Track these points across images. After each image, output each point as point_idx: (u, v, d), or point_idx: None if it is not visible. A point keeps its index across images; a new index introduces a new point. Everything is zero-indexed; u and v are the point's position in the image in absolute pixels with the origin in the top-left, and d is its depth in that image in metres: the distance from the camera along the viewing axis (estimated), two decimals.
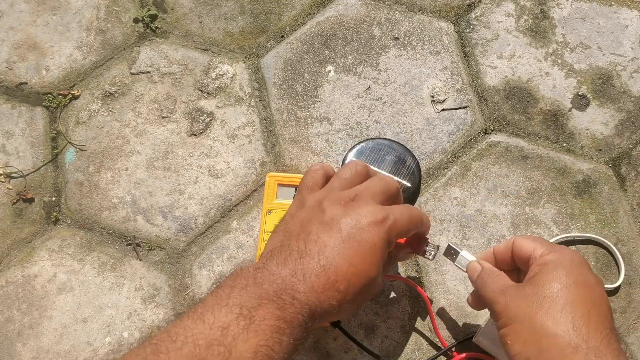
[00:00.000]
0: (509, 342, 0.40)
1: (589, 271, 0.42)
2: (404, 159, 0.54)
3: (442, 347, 0.55)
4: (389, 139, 0.55)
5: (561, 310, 0.39)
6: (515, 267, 0.47)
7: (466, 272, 0.49)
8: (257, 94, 0.66)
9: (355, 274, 0.39)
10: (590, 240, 0.59)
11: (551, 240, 0.58)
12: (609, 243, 0.58)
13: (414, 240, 0.49)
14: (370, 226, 0.40)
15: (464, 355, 0.54)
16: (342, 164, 0.55)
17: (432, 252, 0.49)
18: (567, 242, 0.59)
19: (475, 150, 0.63)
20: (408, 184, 0.53)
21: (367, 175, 0.46)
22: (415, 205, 0.57)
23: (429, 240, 0.49)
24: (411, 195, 0.54)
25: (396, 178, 0.53)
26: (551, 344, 0.38)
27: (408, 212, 0.44)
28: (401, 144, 0.55)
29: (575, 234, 0.59)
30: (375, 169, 0.53)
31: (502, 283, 0.44)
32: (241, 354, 0.34)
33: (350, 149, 0.55)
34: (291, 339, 0.36)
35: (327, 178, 0.47)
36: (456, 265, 0.50)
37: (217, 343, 0.33)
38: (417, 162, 0.55)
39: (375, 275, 0.40)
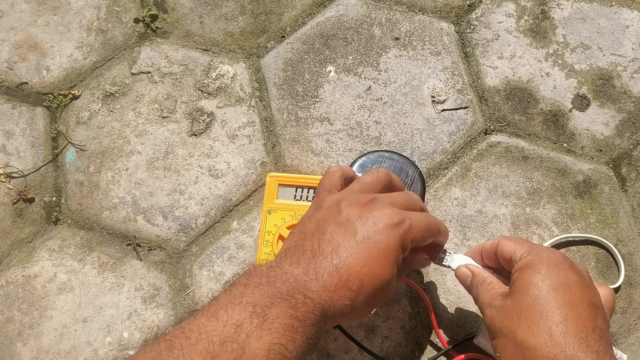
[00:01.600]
0: (498, 354, 0.42)
1: (568, 269, 0.42)
2: (406, 170, 0.54)
3: (443, 348, 0.55)
4: (389, 151, 0.56)
5: (538, 322, 0.39)
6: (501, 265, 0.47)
7: (456, 277, 0.49)
8: (258, 94, 0.66)
9: (368, 274, 0.39)
10: (591, 240, 0.59)
11: (551, 241, 0.58)
12: (609, 244, 0.58)
13: (431, 248, 0.48)
14: (385, 228, 0.40)
15: (463, 356, 0.54)
16: None
17: (449, 261, 0.49)
18: (568, 243, 0.59)
19: (475, 151, 0.63)
20: None
21: (389, 182, 0.47)
22: None
23: (447, 250, 0.49)
24: None
25: None
26: (532, 357, 0.39)
27: (425, 219, 0.44)
28: (403, 155, 0.55)
29: (575, 234, 0.59)
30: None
31: (491, 294, 0.44)
32: (255, 351, 0.34)
33: (352, 163, 0.56)
34: (304, 337, 0.36)
35: (345, 180, 0.47)
36: (443, 264, 0.50)
37: (230, 340, 0.34)
38: (420, 172, 0.55)
39: (388, 278, 0.40)
